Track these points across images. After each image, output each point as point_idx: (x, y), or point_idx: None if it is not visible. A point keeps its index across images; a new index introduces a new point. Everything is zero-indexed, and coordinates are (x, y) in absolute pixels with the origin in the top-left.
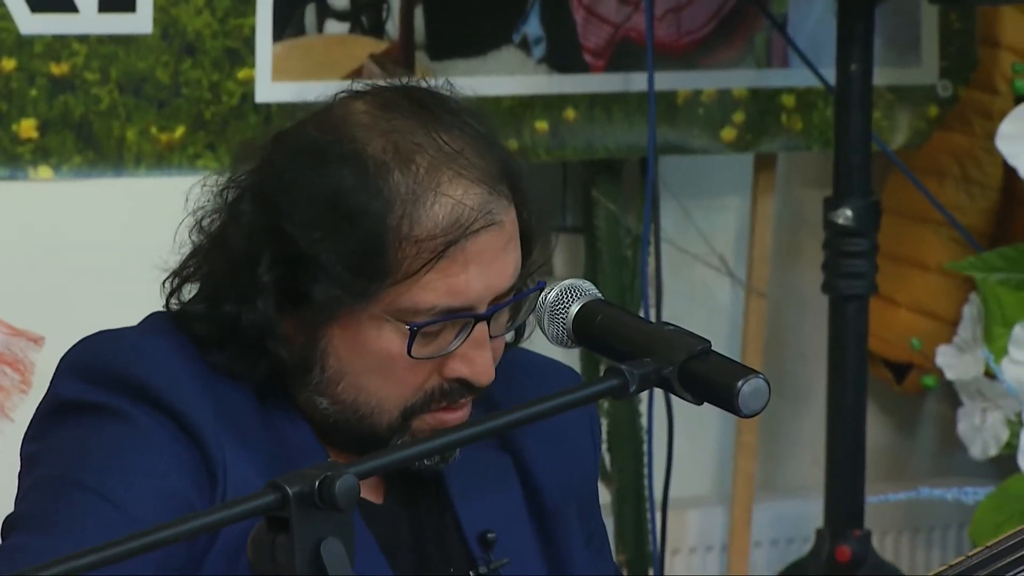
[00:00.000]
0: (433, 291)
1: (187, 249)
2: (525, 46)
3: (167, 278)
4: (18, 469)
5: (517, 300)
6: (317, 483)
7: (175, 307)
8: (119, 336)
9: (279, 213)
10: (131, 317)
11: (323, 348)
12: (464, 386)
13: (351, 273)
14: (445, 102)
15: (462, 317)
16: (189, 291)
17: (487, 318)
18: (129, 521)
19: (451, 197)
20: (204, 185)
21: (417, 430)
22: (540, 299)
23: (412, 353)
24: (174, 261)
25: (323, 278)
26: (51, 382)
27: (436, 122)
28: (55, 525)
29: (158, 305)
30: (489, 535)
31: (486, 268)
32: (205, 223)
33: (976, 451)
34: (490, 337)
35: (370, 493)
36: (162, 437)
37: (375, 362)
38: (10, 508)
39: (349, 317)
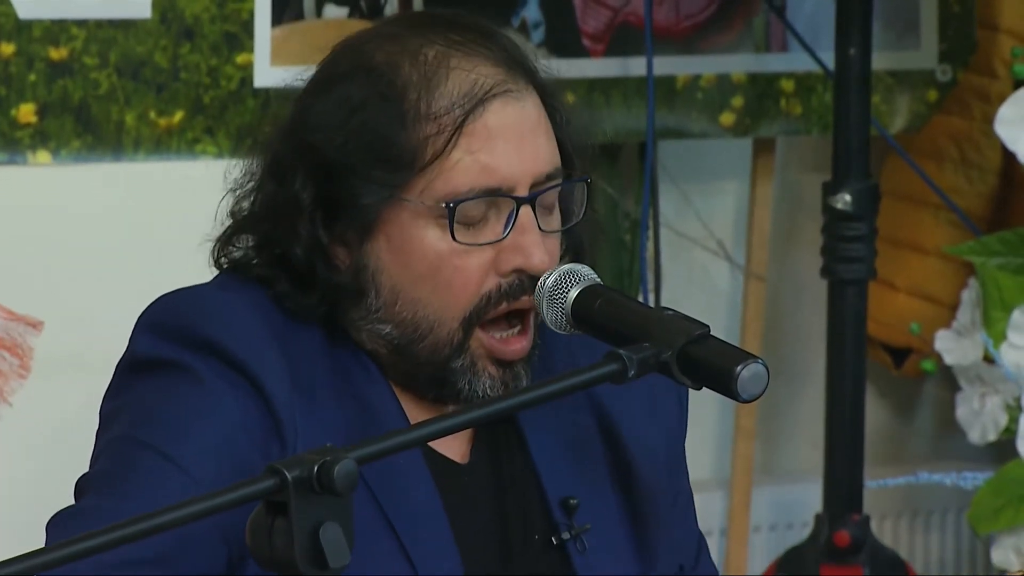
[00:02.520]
0: (464, 171)
1: (228, 216)
2: (524, 30)
3: (217, 240)
4: (96, 427)
5: (559, 187)
6: (316, 468)
7: (226, 263)
8: (196, 294)
9: (303, 132)
10: (131, 301)
11: (374, 268)
12: (521, 283)
13: (380, 166)
14: (454, 13)
15: (500, 196)
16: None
17: (530, 202)
18: (194, 486)
19: (463, 70)
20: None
21: (475, 355)
22: (539, 284)
23: (456, 237)
24: (218, 228)
25: (355, 179)
26: (129, 339)
27: (445, 24)
28: (123, 488)
29: (159, 287)
30: (572, 501)
31: (514, 144)
32: (243, 187)
33: (975, 436)
34: (540, 230)
35: (453, 452)
36: (234, 399)
37: (425, 267)
38: (13, 495)
39: (391, 223)
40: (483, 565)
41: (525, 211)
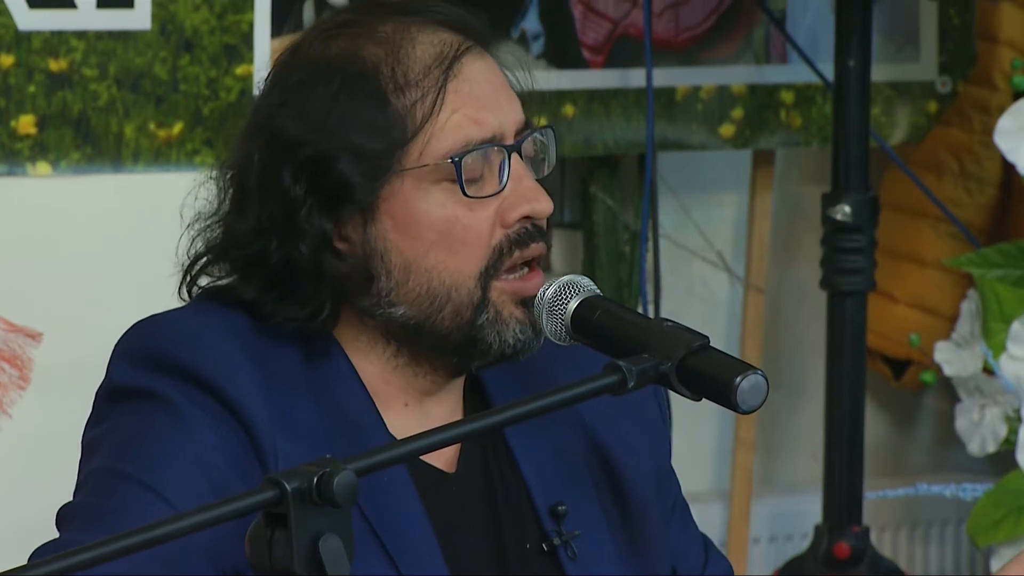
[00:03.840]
0: (456, 128)
1: (199, 241)
2: (524, 42)
3: (187, 266)
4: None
5: (535, 132)
6: (315, 479)
7: (205, 287)
8: (172, 319)
9: (281, 131)
10: (130, 313)
11: (382, 249)
12: (529, 230)
13: (372, 142)
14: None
15: (493, 146)
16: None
17: (518, 148)
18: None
19: (426, 35)
20: (200, 189)
21: (498, 304)
22: (538, 295)
23: (466, 191)
24: (185, 254)
25: (348, 163)
26: (107, 366)
27: (387, 4)
28: (106, 521)
29: (158, 300)
30: (560, 508)
31: (492, 96)
32: (212, 208)
33: (974, 447)
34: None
35: (441, 462)
36: (212, 425)
37: (435, 234)
38: (13, 505)
39: (392, 200)
40: (476, 572)
41: (515, 159)
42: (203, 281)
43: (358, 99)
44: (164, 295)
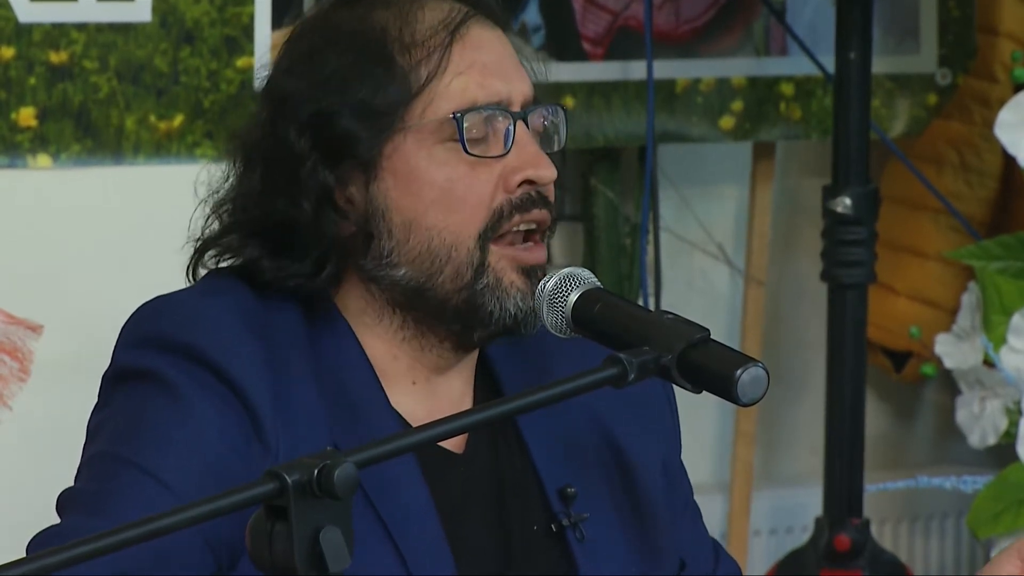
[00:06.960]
0: (461, 89)
1: (212, 220)
2: (524, 34)
3: (199, 244)
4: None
5: (547, 109)
6: (316, 472)
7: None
8: (175, 301)
9: (287, 91)
10: (131, 305)
11: (383, 208)
12: (532, 196)
13: (376, 97)
14: None
15: (498, 110)
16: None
17: (524, 117)
18: (176, 501)
19: (435, 1)
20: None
21: (497, 270)
22: (539, 287)
23: (467, 149)
24: (199, 231)
25: (351, 119)
26: (113, 350)
27: None
28: (105, 506)
29: (159, 291)
30: (569, 489)
31: (499, 64)
32: (223, 180)
33: (975, 440)
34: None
35: (450, 443)
36: (212, 406)
37: (436, 191)
38: (12, 497)
39: (394, 157)
40: (482, 555)
41: (521, 127)
42: (211, 262)
43: (363, 58)
44: (164, 287)
